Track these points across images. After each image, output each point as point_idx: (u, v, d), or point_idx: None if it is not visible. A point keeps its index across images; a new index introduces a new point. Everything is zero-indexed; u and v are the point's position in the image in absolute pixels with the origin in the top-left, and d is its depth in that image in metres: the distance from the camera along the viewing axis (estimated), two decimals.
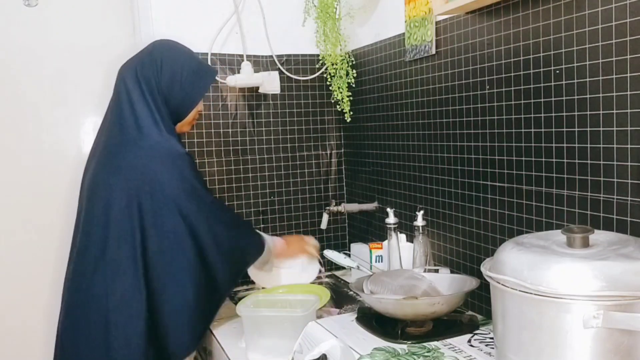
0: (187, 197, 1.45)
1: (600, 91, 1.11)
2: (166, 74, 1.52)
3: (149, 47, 1.60)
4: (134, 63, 1.55)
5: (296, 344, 1.31)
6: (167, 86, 1.53)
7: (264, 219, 2.14)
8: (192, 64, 1.58)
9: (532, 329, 0.88)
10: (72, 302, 1.47)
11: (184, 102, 1.56)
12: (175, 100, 1.54)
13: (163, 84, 1.52)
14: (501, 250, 0.98)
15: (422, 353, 1.22)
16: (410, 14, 1.70)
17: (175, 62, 1.54)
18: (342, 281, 2.07)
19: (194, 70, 1.57)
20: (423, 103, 1.69)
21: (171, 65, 1.54)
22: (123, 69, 1.56)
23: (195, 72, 1.57)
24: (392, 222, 1.66)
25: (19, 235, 1.94)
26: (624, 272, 0.83)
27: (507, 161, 1.37)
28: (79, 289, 1.46)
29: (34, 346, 1.93)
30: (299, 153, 2.18)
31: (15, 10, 1.90)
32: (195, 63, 1.59)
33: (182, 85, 1.54)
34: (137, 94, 1.50)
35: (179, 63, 1.55)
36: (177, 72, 1.54)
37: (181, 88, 1.54)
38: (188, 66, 1.56)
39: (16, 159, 1.93)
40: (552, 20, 1.20)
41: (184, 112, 1.58)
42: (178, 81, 1.54)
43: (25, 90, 1.93)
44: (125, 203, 1.42)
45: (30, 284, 1.94)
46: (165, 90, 1.52)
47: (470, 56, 1.47)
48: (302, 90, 2.16)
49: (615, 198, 1.10)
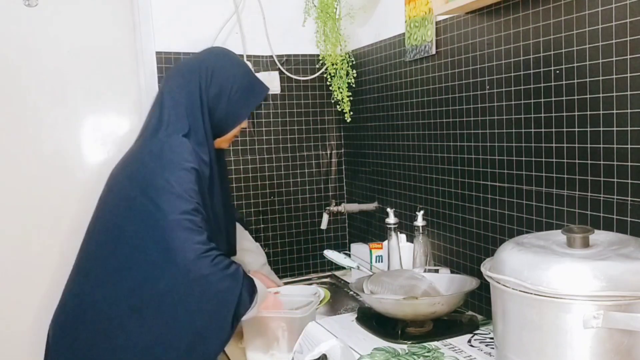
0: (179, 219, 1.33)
1: (600, 91, 1.11)
2: (215, 86, 1.44)
3: (202, 54, 1.53)
4: (185, 68, 1.49)
5: (296, 344, 1.31)
6: (214, 99, 1.45)
7: (264, 219, 2.14)
8: (245, 80, 1.49)
9: (532, 329, 0.88)
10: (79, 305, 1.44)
11: (227, 117, 1.48)
12: (219, 114, 1.46)
13: (211, 96, 1.44)
14: (501, 250, 0.98)
15: (422, 353, 1.22)
16: (411, 14, 1.70)
17: (227, 75, 1.46)
18: (342, 281, 2.08)
19: (246, 88, 1.48)
20: (423, 103, 1.69)
21: (222, 78, 1.45)
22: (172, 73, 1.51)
23: (246, 89, 1.48)
24: (392, 222, 1.66)
25: (19, 235, 1.93)
26: (624, 272, 0.83)
27: (507, 161, 1.37)
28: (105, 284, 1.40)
29: (34, 347, 1.93)
30: (299, 153, 2.18)
31: (15, 10, 1.90)
32: (247, 79, 1.50)
33: (229, 100, 1.46)
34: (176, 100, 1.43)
35: (230, 77, 1.46)
36: (227, 86, 1.45)
37: (228, 103, 1.46)
38: (240, 81, 1.47)
39: (16, 159, 1.93)
40: (552, 20, 1.20)
41: (225, 128, 1.49)
42: (226, 96, 1.45)
43: (25, 90, 1.93)
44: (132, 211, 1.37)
45: (29, 284, 1.94)
46: (212, 103, 1.44)
47: (470, 56, 1.47)
48: (302, 90, 2.16)
49: (615, 198, 1.10)
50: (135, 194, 1.37)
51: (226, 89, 1.45)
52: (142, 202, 1.35)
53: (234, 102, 1.47)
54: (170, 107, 1.43)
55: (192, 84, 1.44)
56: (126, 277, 1.36)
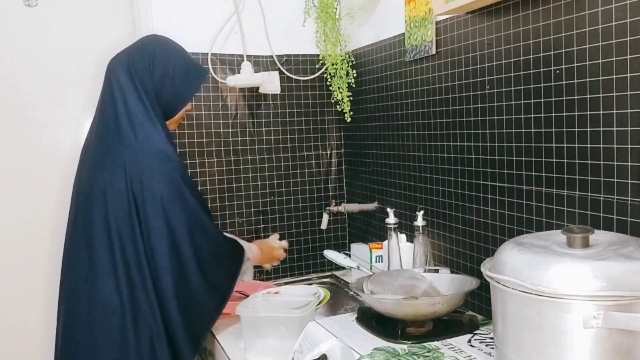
0: (172, 198, 1.43)
1: (600, 91, 1.11)
2: (159, 70, 1.50)
3: (141, 41, 1.57)
4: (125, 57, 1.52)
5: (296, 344, 1.31)
6: (158, 82, 1.50)
7: (264, 219, 2.14)
8: (185, 62, 1.55)
9: (532, 329, 0.88)
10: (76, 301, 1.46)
11: (173, 99, 1.54)
12: (165, 97, 1.51)
13: (155, 80, 1.49)
14: (501, 250, 0.98)
15: (422, 353, 1.22)
16: (411, 14, 1.70)
17: (167, 58, 1.52)
18: (342, 281, 2.08)
19: (186, 69, 1.54)
20: (423, 103, 1.69)
21: (164, 61, 1.51)
22: (113, 63, 1.53)
23: (187, 71, 1.54)
24: (392, 222, 1.66)
25: (18, 234, 1.94)
26: (624, 272, 0.83)
27: (507, 161, 1.37)
28: (83, 287, 1.45)
29: (33, 344, 1.93)
30: (299, 153, 2.18)
31: (16, 11, 1.90)
32: (187, 61, 1.57)
33: (173, 82, 1.52)
34: (130, 90, 1.47)
35: (171, 59, 1.52)
36: (169, 68, 1.51)
37: (172, 85, 1.52)
38: (180, 64, 1.53)
39: (16, 158, 1.93)
40: (552, 20, 1.20)
41: (173, 110, 1.55)
42: (170, 77, 1.51)
43: (25, 90, 1.93)
44: (124, 203, 1.41)
45: (28, 283, 1.94)
46: (157, 87, 1.50)
47: (470, 56, 1.47)
48: (302, 90, 2.16)
49: (615, 198, 1.10)
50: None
51: (169, 71, 1.51)
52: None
53: (178, 84, 1.53)
54: (134, 101, 1.46)
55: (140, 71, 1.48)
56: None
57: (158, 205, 1.41)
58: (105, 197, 1.42)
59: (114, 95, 1.48)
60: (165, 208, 1.42)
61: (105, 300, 1.41)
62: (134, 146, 1.43)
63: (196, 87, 1.60)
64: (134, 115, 1.45)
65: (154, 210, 1.41)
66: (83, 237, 1.46)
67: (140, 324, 1.41)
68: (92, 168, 1.48)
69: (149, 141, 1.44)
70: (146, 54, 1.51)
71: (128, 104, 1.46)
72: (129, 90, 1.47)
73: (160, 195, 1.41)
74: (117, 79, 1.48)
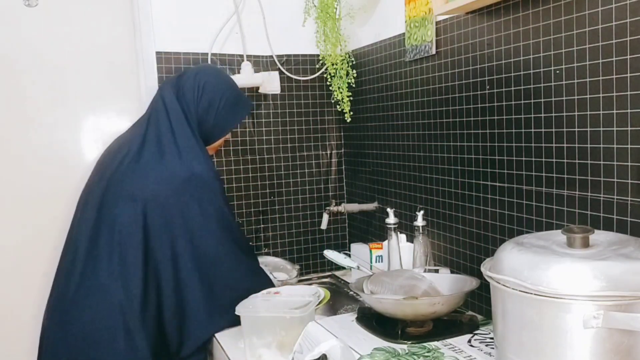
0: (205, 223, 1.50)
1: (600, 91, 1.11)
2: (205, 100, 1.57)
3: (194, 70, 1.64)
4: (176, 80, 1.60)
5: (296, 344, 1.31)
6: (203, 111, 1.57)
7: (264, 219, 2.14)
8: (232, 95, 1.63)
9: (532, 329, 0.88)
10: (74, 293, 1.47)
11: (214, 129, 1.61)
12: (207, 125, 1.59)
13: (200, 108, 1.57)
14: (501, 250, 0.98)
15: (422, 353, 1.22)
16: (411, 14, 1.70)
17: (216, 89, 1.60)
18: (342, 281, 2.08)
19: (232, 102, 1.62)
20: (423, 103, 1.69)
21: (212, 91, 1.59)
22: (165, 86, 1.61)
23: (232, 104, 1.62)
24: (392, 222, 1.66)
25: (18, 234, 1.93)
26: (624, 272, 0.83)
27: (507, 161, 1.37)
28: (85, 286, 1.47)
29: (25, 344, 1.93)
30: (299, 153, 2.18)
31: (15, 10, 1.90)
32: (234, 94, 1.65)
33: (217, 113, 1.59)
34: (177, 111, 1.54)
35: (219, 90, 1.60)
36: (215, 100, 1.59)
37: (216, 116, 1.59)
38: (227, 96, 1.61)
39: (16, 158, 1.93)
40: (552, 20, 1.20)
41: (212, 138, 1.63)
42: (215, 109, 1.59)
43: (25, 91, 1.93)
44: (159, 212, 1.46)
45: (28, 283, 1.94)
46: (201, 114, 1.57)
47: (470, 56, 1.47)
48: (302, 90, 2.16)
49: (615, 198, 1.10)
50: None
51: (215, 103, 1.59)
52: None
53: (222, 115, 1.60)
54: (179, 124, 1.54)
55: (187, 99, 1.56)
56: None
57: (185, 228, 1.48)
58: (129, 201, 1.46)
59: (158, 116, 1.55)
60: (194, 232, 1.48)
61: (103, 293, 1.43)
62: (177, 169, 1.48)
63: (239, 119, 1.69)
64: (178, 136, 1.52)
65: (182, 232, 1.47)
66: (92, 234, 1.48)
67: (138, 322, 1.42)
68: (124, 176, 1.50)
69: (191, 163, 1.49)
70: (197, 81, 1.58)
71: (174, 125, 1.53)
72: (176, 111, 1.55)
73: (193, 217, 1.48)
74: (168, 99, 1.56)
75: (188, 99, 1.56)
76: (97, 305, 1.44)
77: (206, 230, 1.49)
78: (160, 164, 1.49)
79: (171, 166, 1.48)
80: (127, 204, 1.46)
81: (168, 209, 1.46)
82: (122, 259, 1.44)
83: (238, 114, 1.66)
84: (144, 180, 1.47)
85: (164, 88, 1.61)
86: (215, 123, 1.60)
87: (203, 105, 1.57)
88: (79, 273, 1.47)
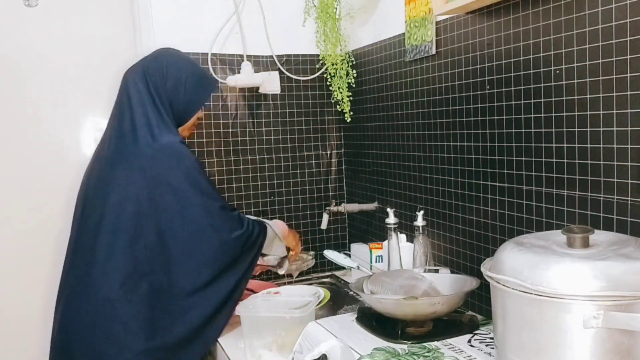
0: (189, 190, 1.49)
1: (600, 91, 1.11)
2: (171, 79, 1.59)
3: (154, 54, 1.65)
4: (140, 68, 1.60)
5: (296, 344, 1.31)
6: (171, 91, 1.58)
7: (264, 219, 2.13)
8: (196, 72, 1.65)
9: (532, 329, 0.88)
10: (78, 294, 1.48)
11: (186, 107, 1.62)
12: (178, 105, 1.60)
13: (168, 89, 1.58)
14: (501, 250, 0.98)
15: (422, 353, 1.22)
16: (411, 14, 1.70)
17: (180, 69, 1.61)
18: (342, 281, 2.08)
19: (197, 78, 1.64)
20: (423, 103, 1.69)
21: (176, 71, 1.60)
22: (129, 73, 1.61)
23: (198, 80, 1.63)
24: (392, 222, 1.66)
25: (19, 234, 1.94)
26: (624, 272, 0.83)
27: (507, 161, 1.37)
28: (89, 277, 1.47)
29: (33, 341, 1.93)
30: (299, 153, 2.18)
31: (16, 11, 1.90)
32: (198, 71, 1.67)
33: (185, 90, 1.60)
34: (146, 96, 1.55)
35: (183, 70, 1.61)
36: (181, 78, 1.60)
37: (184, 93, 1.60)
38: (192, 74, 1.63)
39: (16, 158, 1.93)
40: (552, 20, 1.20)
41: (185, 117, 1.63)
42: (182, 86, 1.60)
43: (25, 91, 1.93)
44: (144, 197, 1.46)
45: (29, 282, 1.94)
46: (170, 95, 1.58)
47: (470, 56, 1.47)
48: (302, 90, 2.16)
49: (615, 198, 1.10)
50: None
51: (181, 80, 1.60)
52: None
53: (190, 92, 1.61)
54: (151, 107, 1.55)
55: (154, 81, 1.57)
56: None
57: (174, 198, 1.47)
58: (118, 192, 1.46)
59: (131, 102, 1.56)
60: (182, 199, 1.48)
61: (106, 294, 1.42)
62: (151, 144, 1.49)
63: (207, 95, 1.69)
64: (151, 119, 1.53)
65: (171, 203, 1.47)
66: (90, 232, 1.48)
67: (138, 319, 1.42)
68: (107, 166, 1.52)
69: (166, 141, 1.51)
70: (160, 64, 1.60)
71: (145, 108, 1.54)
72: (146, 97, 1.56)
73: (178, 188, 1.48)
74: (134, 86, 1.57)
75: (155, 82, 1.57)
76: (94, 300, 1.44)
77: (186, 200, 1.49)
78: (133, 153, 1.49)
79: (142, 149, 1.49)
80: (114, 199, 1.47)
81: (151, 188, 1.46)
82: (110, 250, 1.44)
83: (205, 89, 1.67)
84: (126, 166, 1.48)
85: (128, 77, 1.60)
86: (184, 101, 1.61)
87: (170, 85, 1.58)
88: (79, 277, 1.48)
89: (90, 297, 1.44)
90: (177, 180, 1.48)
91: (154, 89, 1.56)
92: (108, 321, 1.43)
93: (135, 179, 1.46)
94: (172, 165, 1.49)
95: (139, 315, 1.43)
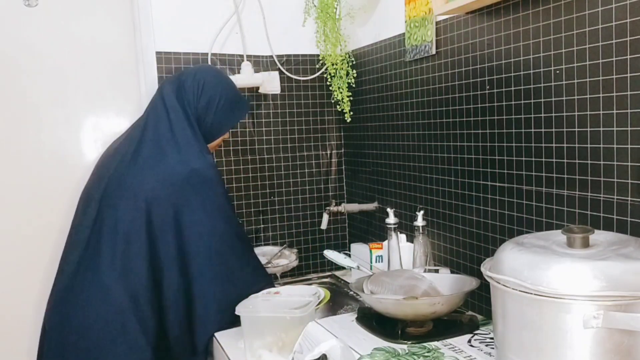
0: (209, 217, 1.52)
1: (600, 91, 1.11)
2: (204, 99, 1.59)
3: (193, 69, 1.66)
4: (177, 79, 1.62)
5: (296, 344, 1.31)
6: (202, 110, 1.59)
7: (264, 219, 2.14)
8: (231, 95, 1.65)
9: (532, 329, 0.88)
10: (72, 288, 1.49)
11: (213, 128, 1.62)
12: (206, 124, 1.60)
13: (200, 107, 1.58)
14: (501, 250, 0.98)
15: (422, 353, 1.22)
16: (411, 14, 1.70)
17: (216, 88, 1.61)
18: (342, 281, 2.07)
19: (231, 101, 1.64)
20: (423, 103, 1.69)
21: (212, 89, 1.60)
22: (164, 86, 1.62)
23: (231, 103, 1.64)
24: (392, 222, 1.66)
25: (18, 234, 1.93)
26: (624, 272, 0.83)
27: (507, 161, 1.37)
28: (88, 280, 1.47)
29: (25, 342, 1.93)
30: (299, 153, 2.18)
31: (15, 11, 1.90)
32: (233, 94, 1.67)
33: (216, 112, 1.61)
34: (177, 110, 1.56)
35: (219, 89, 1.62)
36: (215, 97, 1.60)
37: (215, 114, 1.61)
38: (227, 95, 1.63)
39: (16, 159, 1.93)
40: (552, 20, 1.20)
41: (211, 137, 1.64)
42: (214, 107, 1.60)
43: (25, 91, 1.93)
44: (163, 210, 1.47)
45: (28, 282, 1.94)
46: (201, 113, 1.59)
47: (470, 56, 1.47)
48: (302, 90, 2.16)
49: (615, 198, 1.10)
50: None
51: (214, 101, 1.60)
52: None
53: (220, 114, 1.62)
54: (179, 122, 1.56)
55: (188, 97, 1.58)
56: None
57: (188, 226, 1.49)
58: (131, 199, 1.47)
59: (158, 113, 1.57)
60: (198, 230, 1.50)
61: (105, 292, 1.43)
62: (182, 162, 1.50)
63: (238, 118, 1.71)
64: (178, 133, 1.54)
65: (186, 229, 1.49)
66: (92, 233, 1.49)
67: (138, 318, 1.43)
68: (133, 170, 1.51)
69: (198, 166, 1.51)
70: (196, 79, 1.60)
71: (173, 123, 1.55)
72: (176, 110, 1.56)
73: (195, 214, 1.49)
74: (168, 97, 1.58)
75: (188, 97, 1.57)
76: (98, 306, 1.44)
77: (210, 226, 1.50)
78: (161, 162, 1.50)
79: (171, 164, 1.49)
80: (129, 202, 1.47)
81: (170, 207, 1.47)
82: (124, 259, 1.44)
83: (236, 113, 1.67)
84: (144, 178, 1.48)
85: (164, 87, 1.62)
86: (213, 122, 1.61)
87: (202, 103, 1.58)
88: (80, 273, 1.47)
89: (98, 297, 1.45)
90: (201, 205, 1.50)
91: (187, 103, 1.57)
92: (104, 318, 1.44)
93: (162, 190, 1.47)
94: (199, 192, 1.50)
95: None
